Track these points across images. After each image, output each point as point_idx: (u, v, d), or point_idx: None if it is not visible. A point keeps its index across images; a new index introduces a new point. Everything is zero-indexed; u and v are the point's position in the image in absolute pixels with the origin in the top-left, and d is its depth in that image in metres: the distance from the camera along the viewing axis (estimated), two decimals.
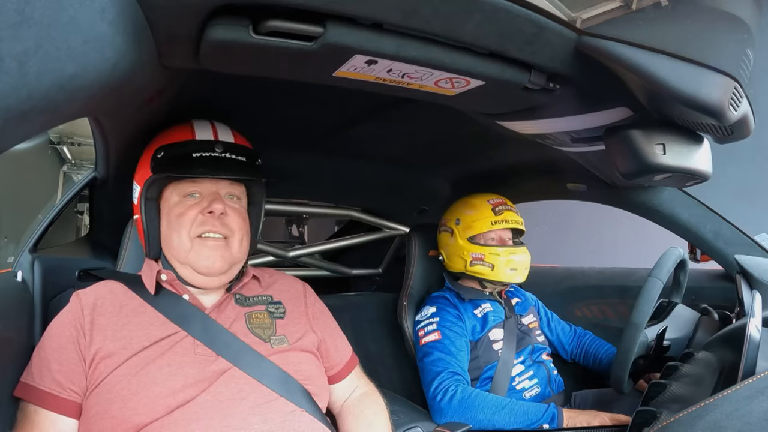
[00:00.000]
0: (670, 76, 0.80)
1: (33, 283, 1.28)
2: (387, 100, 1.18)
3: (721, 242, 1.60)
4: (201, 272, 1.09)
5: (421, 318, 1.80)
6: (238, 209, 1.13)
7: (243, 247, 1.13)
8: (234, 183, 1.13)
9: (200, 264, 1.08)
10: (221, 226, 1.08)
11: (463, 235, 1.81)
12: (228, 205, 1.10)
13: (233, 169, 1.09)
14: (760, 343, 0.84)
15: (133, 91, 0.86)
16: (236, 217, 1.11)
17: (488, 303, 1.81)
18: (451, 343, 1.68)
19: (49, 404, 0.97)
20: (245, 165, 1.10)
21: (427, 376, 1.66)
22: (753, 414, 0.65)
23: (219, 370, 1.03)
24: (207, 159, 1.07)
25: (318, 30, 0.74)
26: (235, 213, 1.11)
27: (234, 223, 1.10)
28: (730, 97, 0.83)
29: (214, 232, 1.08)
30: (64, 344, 1.02)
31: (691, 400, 0.87)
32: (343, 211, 2.31)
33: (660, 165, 1.00)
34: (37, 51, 0.51)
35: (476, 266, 1.78)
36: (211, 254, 1.07)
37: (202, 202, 1.09)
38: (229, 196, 1.12)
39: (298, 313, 1.21)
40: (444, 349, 1.67)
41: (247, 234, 1.15)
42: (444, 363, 1.64)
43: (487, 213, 1.79)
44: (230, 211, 1.10)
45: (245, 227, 1.13)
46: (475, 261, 1.79)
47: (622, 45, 0.81)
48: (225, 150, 1.08)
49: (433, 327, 1.73)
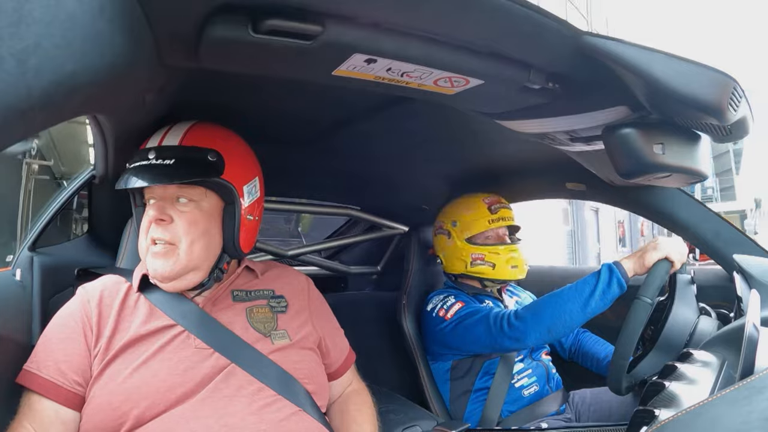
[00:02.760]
0: (669, 76, 0.80)
1: (32, 282, 1.28)
2: (386, 99, 1.18)
3: (719, 242, 1.60)
4: (152, 277, 1.09)
5: (434, 304, 1.80)
6: (187, 212, 1.07)
7: (194, 252, 1.07)
8: (184, 186, 1.08)
9: (150, 270, 1.08)
10: (163, 233, 1.06)
11: (461, 237, 1.82)
12: (176, 209, 1.07)
13: (158, 174, 1.05)
14: (758, 342, 0.84)
15: (133, 90, 0.86)
16: (183, 222, 1.06)
17: (490, 300, 1.81)
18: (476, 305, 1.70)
19: (51, 393, 0.98)
20: (170, 167, 1.04)
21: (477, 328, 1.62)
22: (751, 413, 0.65)
23: (219, 367, 1.03)
24: (137, 168, 1.05)
25: (317, 29, 0.74)
26: (182, 217, 1.07)
27: (180, 229, 1.06)
28: (729, 97, 0.83)
29: (157, 239, 1.06)
30: (70, 334, 1.03)
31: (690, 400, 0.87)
32: (343, 210, 2.31)
33: (659, 164, 1.00)
34: (37, 49, 0.51)
35: (477, 266, 1.79)
36: (154, 261, 1.07)
37: (151, 209, 1.08)
38: (180, 199, 1.08)
39: (301, 308, 1.21)
40: (475, 307, 1.69)
41: (203, 237, 1.08)
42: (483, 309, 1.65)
43: (483, 212, 1.80)
44: (177, 215, 1.07)
45: (196, 231, 1.07)
46: (476, 261, 1.80)
47: (621, 44, 0.81)
48: (157, 156, 1.05)
49: (453, 300, 1.74)
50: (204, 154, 1.07)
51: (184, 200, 1.08)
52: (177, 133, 1.09)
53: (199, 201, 1.09)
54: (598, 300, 1.45)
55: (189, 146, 1.08)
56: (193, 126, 1.11)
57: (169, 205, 1.07)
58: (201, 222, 1.08)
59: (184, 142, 1.08)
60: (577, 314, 1.48)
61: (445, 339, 1.74)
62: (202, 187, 1.09)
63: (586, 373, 1.87)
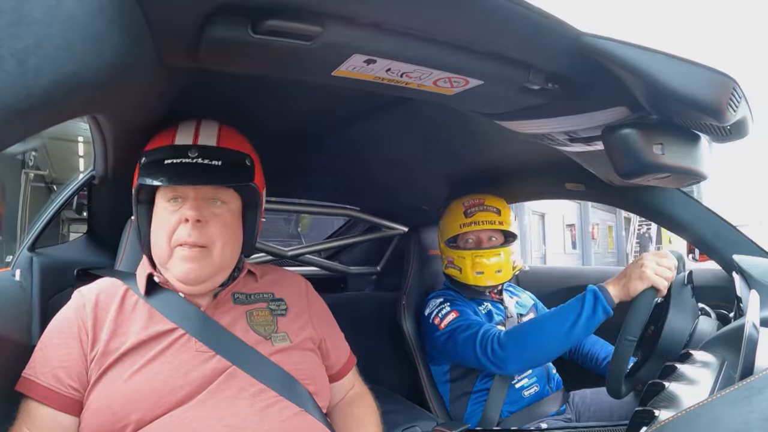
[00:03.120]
0: (668, 76, 0.80)
1: (31, 282, 1.28)
2: (386, 100, 1.18)
3: (719, 242, 1.60)
4: (181, 281, 1.07)
5: (431, 310, 1.80)
6: (221, 215, 1.08)
7: (226, 254, 1.08)
8: (218, 187, 1.08)
9: (177, 272, 1.06)
10: (198, 236, 1.04)
11: (442, 238, 1.85)
12: (210, 211, 1.07)
13: (206, 175, 1.05)
14: (758, 342, 0.84)
15: (132, 90, 0.86)
16: (217, 224, 1.06)
17: (488, 302, 1.81)
18: (470, 316, 1.69)
19: (49, 400, 0.97)
20: (219, 169, 1.05)
21: (464, 345, 1.62)
22: (751, 413, 0.65)
23: (219, 369, 1.03)
24: (178, 166, 1.03)
25: (316, 29, 0.74)
26: (217, 220, 1.07)
27: (214, 231, 1.06)
28: (729, 97, 0.83)
29: (190, 243, 1.04)
30: (65, 340, 1.02)
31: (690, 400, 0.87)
32: (342, 210, 2.31)
33: (658, 165, 1.00)
34: (37, 49, 0.51)
35: (449, 269, 1.83)
36: (186, 265, 1.04)
37: (182, 208, 1.05)
38: (213, 201, 1.08)
39: (300, 311, 1.21)
40: (467, 319, 1.68)
41: (233, 239, 1.10)
42: (474, 325, 1.63)
43: (458, 215, 1.81)
44: (211, 217, 1.06)
45: (228, 233, 1.08)
46: (448, 264, 1.83)
47: (621, 45, 0.81)
48: (200, 155, 1.04)
49: (447, 308, 1.74)
50: (242, 158, 1.09)
51: (219, 202, 1.08)
52: (210, 133, 1.08)
53: (229, 203, 1.10)
54: (583, 327, 1.43)
55: (228, 149, 1.08)
56: (223, 127, 1.11)
57: (203, 206, 1.06)
58: (231, 224, 1.10)
59: (222, 144, 1.08)
60: (561, 342, 1.48)
61: (440, 347, 1.75)
62: (233, 190, 1.10)
63: (586, 374, 1.87)
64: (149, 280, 1.10)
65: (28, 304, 1.23)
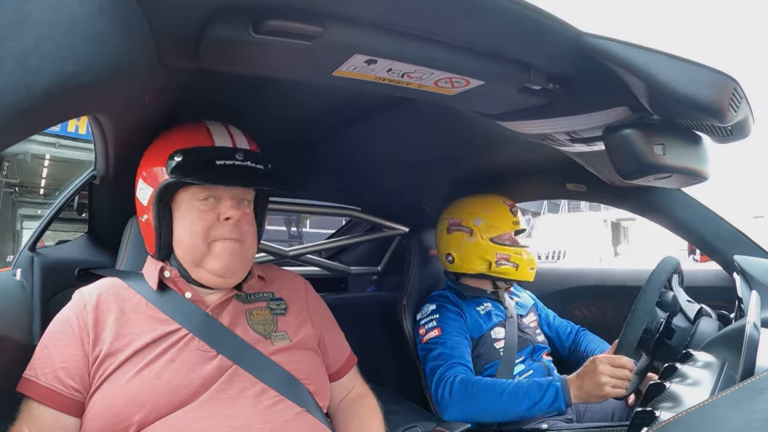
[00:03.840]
0: (669, 76, 0.80)
1: (32, 282, 1.28)
2: (387, 100, 1.18)
3: (720, 242, 1.60)
4: (218, 274, 1.09)
5: (421, 316, 1.80)
6: (249, 214, 1.15)
7: (253, 251, 1.16)
8: (247, 189, 1.14)
9: (216, 266, 1.09)
10: (238, 233, 1.10)
11: (486, 236, 1.81)
12: (241, 210, 1.12)
13: (254, 177, 1.11)
14: (759, 343, 0.84)
15: (133, 90, 0.86)
16: (247, 222, 1.13)
17: (489, 302, 1.81)
18: (450, 338, 1.68)
19: (49, 400, 0.97)
20: (263, 173, 1.11)
21: (430, 373, 1.66)
22: (752, 414, 0.65)
23: (222, 369, 1.03)
24: (230, 167, 1.07)
25: (317, 29, 0.74)
26: (246, 218, 1.13)
27: (246, 228, 1.12)
28: (729, 98, 0.83)
29: (231, 238, 1.09)
30: (66, 341, 1.02)
31: (690, 401, 0.87)
32: (343, 211, 2.31)
33: (659, 165, 1.00)
34: (37, 50, 0.51)
35: (502, 266, 1.79)
36: (228, 257, 1.09)
37: (219, 207, 1.10)
38: (243, 202, 1.13)
39: (299, 310, 1.21)
40: (444, 344, 1.67)
41: (255, 236, 1.17)
42: (445, 357, 1.64)
43: (507, 214, 1.82)
44: (242, 216, 1.12)
45: (253, 231, 1.16)
46: (501, 261, 1.79)
47: (622, 45, 0.81)
48: (245, 158, 1.09)
49: (433, 324, 1.73)
50: (267, 160, 1.14)
51: (246, 203, 1.15)
52: (242, 137, 1.13)
53: (251, 203, 1.17)
54: (533, 414, 1.49)
55: (261, 154, 1.14)
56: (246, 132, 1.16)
57: (237, 206, 1.12)
58: (254, 223, 1.18)
59: (252, 148, 1.13)
60: (506, 416, 1.52)
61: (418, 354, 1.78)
62: (253, 191, 1.17)
63: None
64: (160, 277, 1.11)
65: (29, 303, 1.23)
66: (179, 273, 1.12)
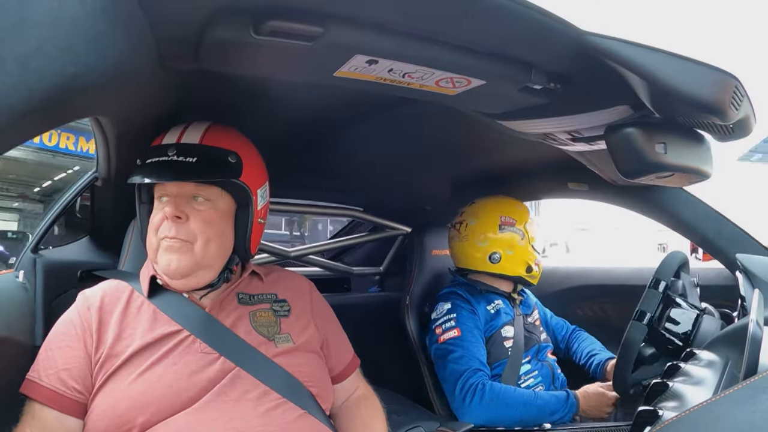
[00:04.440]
0: (670, 75, 0.80)
1: (34, 284, 1.28)
2: (388, 100, 1.18)
3: (722, 241, 1.60)
4: (163, 272, 1.09)
5: (437, 315, 1.78)
6: (202, 212, 1.08)
7: (209, 251, 1.08)
8: (201, 185, 1.09)
9: (161, 265, 1.08)
10: (177, 231, 1.05)
11: (531, 241, 1.84)
12: (192, 207, 1.08)
13: (179, 171, 1.05)
14: (761, 341, 0.84)
15: (134, 92, 0.86)
16: (198, 220, 1.07)
17: (500, 300, 1.81)
18: (471, 339, 1.69)
19: (52, 402, 0.97)
20: (193, 166, 1.05)
21: (450, 375, 1.65)
22: (755, 413, 0.65)
23: (224, 371, 1.03)
24: (156, 164, 1.06)
25: (318, 30, 0.74)
26: (197, 216, 1.07)
27: (195, 227, 1.06)
28: (731, 96, 0.83)
29: (171, 237, 1.06)
30: (70, 343, 1.02)
31: (693, 400, 0.87)
32: (345, 211, 2.31)
33: (661, 164, 0.99)
34: (38, 51, 0.51)
35: (533, 270, 1.83)
36: (167, 256, 1.06)
37: (167, 206, 1.07)
38: (195, 198, 1.08)
39: (303, 312, 1.21)
40: (465, 346, 1.67)
41: (217, 237, 1.09)
42: (467, 361, 1.64)
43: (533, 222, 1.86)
44: (192, 213, 1.07)
45: (212, 230, 1.08)
46: (535, 266, 1.84)
47: (623, 44, 0.80)
48: (177, 153, 1.06)
49: (452, 324, 1.72)
50: (225, 154, 1.09)
51: (201, 199, 1.09)
52: (196, 132, 1.09)
53: (215, 201, 1.10)
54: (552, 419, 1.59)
55: (210, 146, 1.08)
56: (212, 126, 1.12)
57: (184, 203, 1.07)
58: (216, 222, 1.09)
59: (205, 141, 1.08)
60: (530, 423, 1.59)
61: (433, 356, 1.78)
62: (219, 188, 1.10)
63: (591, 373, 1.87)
64: (152, 281, 1.11)
65: (32, 305, 1.24)
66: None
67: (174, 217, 1.05)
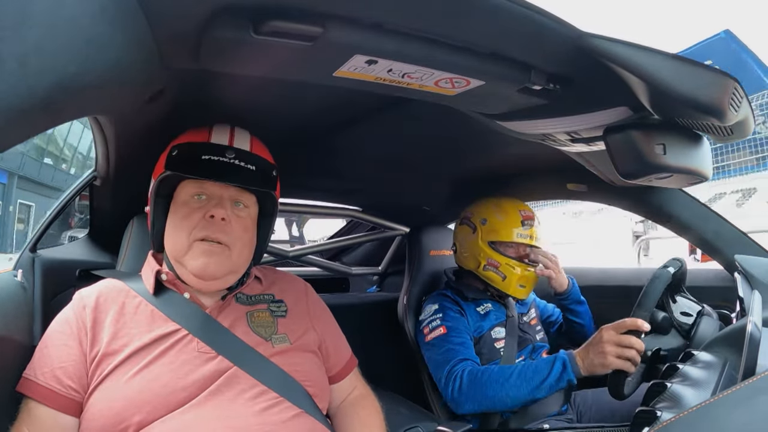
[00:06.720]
0: (669, 76, 0.80)
1: (33, 283, 1.28)
2: (387, 100, 1.18)
3: (721, 242, 1.60)
4: (195, 274, 1.09)
5: (424, 317, 1.80)
6: (242, 218, 1.12)
7: (243, 256, 1.12)
8: (243, 191, 1.12)
9: (194, 266, 1.08)
10: (221, 234, 1.07)
11: (485, 238, 1.80)
12: (234, 212, 1.10)
13: (241, 176, 1.08)
14: (760, 342, 0.84)
15: (134, 91, 0.86)
16: (239, 225, 1.10)
17: (489, 303, 1.81)
18: (457, 336, 1.69)
19: (48, 400, 0.97)
20: (253, 174, 1.09)
21: (436, 369, 1.66)
22: (754, 414, 0.65)
23: (221, 370, 1.03)
24: (216, 163, 1.07)
25: (318, 30, 0.74)
26: (238, 221, 1.11)
27: (235, 232, 1.09)
28: (730, 97, 0.83)
29: (212, 239, 1.07)
30: (66, 341, 1.02)
31: (692, 400, 0.87)
32: (344, 211, 2.31)
33: (660, 165, 1.00)
34: (38, 51, 0.51)
35: (489, 271, 1.78)
36: (205, 259, 1.07)
37: (207, 205, 1.09)
38: (236, 204, 1.12)
39: (300, 312, 1.21)
40: (451, 342, 1.67)
41: (249, 244, 1.14)
42: (452, 353, 1.64)
43: (515, 223, 1.78)
44: (234, 218, 1.10)
45: (247, 237, 1.12)
46: (489, 266, 1.78)
47: (622, 45, 0.80)
48: (236, 157, 1.08)
49: (438, 323, 1.73)
50: (271, 167, 1.14)
51: (241, 205, 1.12)
52: (244, 139, 1.13)
53: (249, 208, 1.14)
54: (545, 391, 1.48)
55: (260, 156, 1.13)
56: (253, 136, 1.16)
57: (228, 207, 1.10)
58: (250, 228, 1.15)
59: (254, 150, 1.12)
60: (519, 400, 1.51)
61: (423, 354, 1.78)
62: (255, 196, 1.15)
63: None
64: (157, 279, 1.11)
65: (30, 304, 1.24)
66: (174, 275, 1.12)
67: (222, 219, 1.07)
